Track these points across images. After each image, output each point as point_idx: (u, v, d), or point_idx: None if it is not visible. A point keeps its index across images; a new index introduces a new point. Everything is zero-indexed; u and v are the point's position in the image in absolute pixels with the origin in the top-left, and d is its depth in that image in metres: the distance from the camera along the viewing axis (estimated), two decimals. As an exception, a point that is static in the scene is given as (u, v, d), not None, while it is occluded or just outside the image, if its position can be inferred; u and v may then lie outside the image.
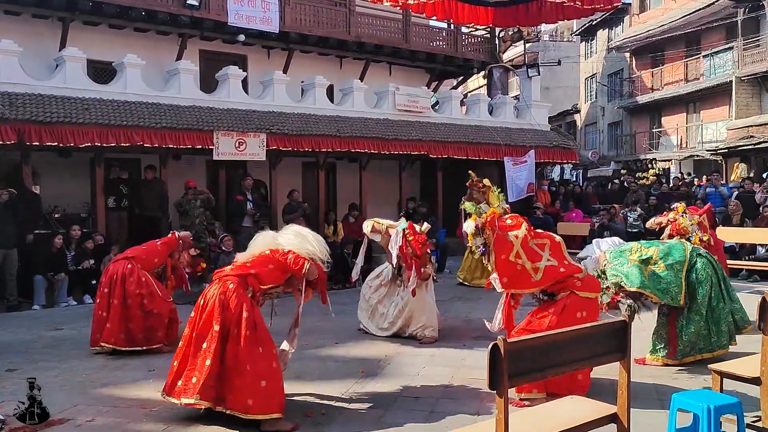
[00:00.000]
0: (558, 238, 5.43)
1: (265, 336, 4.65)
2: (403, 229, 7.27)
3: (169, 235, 7.60)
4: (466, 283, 11.23)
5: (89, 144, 11.03)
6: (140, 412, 5.00)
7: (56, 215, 11.76)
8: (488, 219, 5.33)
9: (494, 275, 5.37)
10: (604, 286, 5.71)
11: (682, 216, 7.85)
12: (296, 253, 4.90)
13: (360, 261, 7.91)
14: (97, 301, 7.03)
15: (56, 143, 10.77)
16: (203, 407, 4.64)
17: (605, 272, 5.86)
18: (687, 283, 5.96)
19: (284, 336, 5.10)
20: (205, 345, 4.55)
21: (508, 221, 5.42)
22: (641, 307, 5.88)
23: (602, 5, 12.19)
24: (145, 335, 6.85)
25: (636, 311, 5.79)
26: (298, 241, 5.03)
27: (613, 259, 5.95)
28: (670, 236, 7.68)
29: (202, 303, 4.69)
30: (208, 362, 4.50)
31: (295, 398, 5.13)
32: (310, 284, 5.05)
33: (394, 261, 7.28)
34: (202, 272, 8.70)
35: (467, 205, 5.64)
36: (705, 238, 7.69)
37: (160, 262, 7.29)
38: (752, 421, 4.08)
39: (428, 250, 7.40)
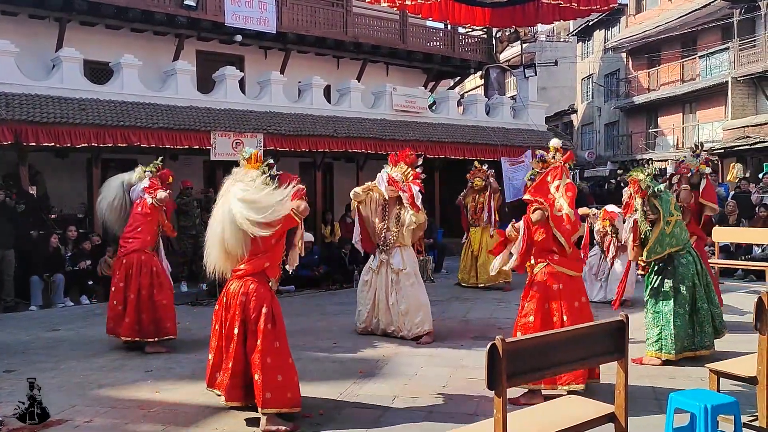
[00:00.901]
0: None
1: (282, 331, 4.69)
2: (387, 173, 7.43)
3: (149, 204, 7.16)
4: (464, 284, 11.25)
5: (86, 144, 11.07)
6: (139, 412, 5.00)
7: (53, 216, 11.75)
8: (567, 156, 5.51)
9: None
10: (650, 181, 6.04)
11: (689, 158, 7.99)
12: (279, 213, 4.59)
13: (357, 235, 7.64)
14: (113, 289, 7.09)
15: (53, 144, 10.80)
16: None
17: (652, 174, 6.15)
18: (673, 276, 6.08)
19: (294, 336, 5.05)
20: (232, 346, 4.62)
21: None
22: (643, 222, 6.07)
23: (599, 6, 12.16)
24: (155, 326, 6.90)
25: (642, 220, 6.03)
26: (268, 205, 4.56)
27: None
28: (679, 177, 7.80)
29: (225, 300, 4.72)
30: (230, 365, 4.60)
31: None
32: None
33: (384, 192, 7.31)
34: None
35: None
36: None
37: (156, 223, 7.24)
38: (749, 421, 4.10)
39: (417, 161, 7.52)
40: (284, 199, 4.57)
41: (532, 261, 5.32)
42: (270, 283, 4.77)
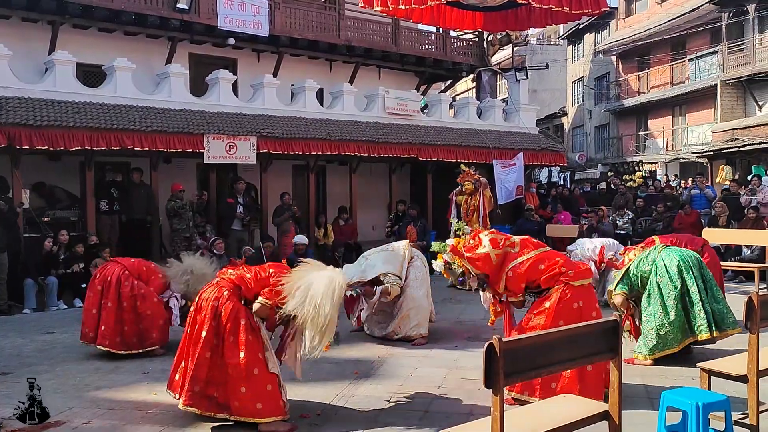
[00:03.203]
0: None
1: (263, 340, 4.67)
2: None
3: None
4: (457, 287, 11.27)
5: (79, 147, 11.04)
6: (136, 414, 5.03)
7: (45, 218, 11.73)
8: (451, 250, 5.50)
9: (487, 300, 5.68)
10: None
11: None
12: (285, 285, 4.59)
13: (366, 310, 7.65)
14: (90, 294, 6.98)
15: (46, 147, 10.76)
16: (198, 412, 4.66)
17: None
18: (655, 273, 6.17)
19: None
20: (197, 349, 4.58)
21: (471, 241, 5.54)
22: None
23: (590, 10, 12.28)
24: (139, 338, 6.85)
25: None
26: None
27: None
28: None
29: (197, 302, 4.73)
30: (192, 368, 4.56)
31: (290, 400, 5.16)
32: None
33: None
34: None
35: (435, 246, 5.77)
36: None
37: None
38: (739, 418, 4.17)
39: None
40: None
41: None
42: (242, 302, 4.70)
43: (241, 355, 4.52)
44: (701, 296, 6.06)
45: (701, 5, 22.17)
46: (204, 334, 4.55)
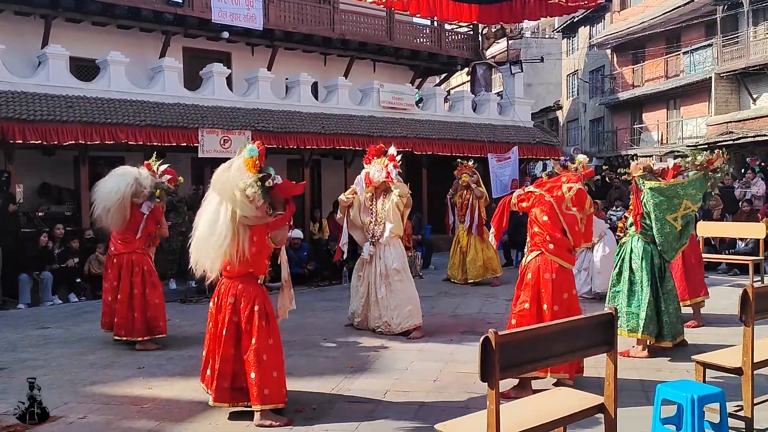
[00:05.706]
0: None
1: (275, 328, 4.76)
2: (365, 172, 7.76)
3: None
4: (453, 281, 11.30)
5: (73, 142, 11.01)
6: (132, 409, 5.02)
7: (40, 213, 11.68)
8: (588, 171, 5.67)
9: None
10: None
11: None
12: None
13: (344, 238, 7.93)
14: (105, 285, 7.12)
15: (40, 141, 10.73)
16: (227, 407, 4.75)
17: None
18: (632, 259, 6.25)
19: (284, 332, 5.11)
20: (220, 348, 4.67)
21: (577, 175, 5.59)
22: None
23: (586, 3, 12.31)
24: (147, 325, 6.93)
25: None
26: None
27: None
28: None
29: (217, 299, 4.78)
30: (218, 365, 4.63)
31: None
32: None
33: (361, 194, 7.61)
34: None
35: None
36: None
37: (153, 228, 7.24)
38: (734, 410, 4.19)
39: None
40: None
41: (526, 251, 5.43)
42: (258, 280, 4.81)
43: (253, 341, 4.59)
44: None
45: (696, -2, 22.17)
46: (225, 332, 4.65)
